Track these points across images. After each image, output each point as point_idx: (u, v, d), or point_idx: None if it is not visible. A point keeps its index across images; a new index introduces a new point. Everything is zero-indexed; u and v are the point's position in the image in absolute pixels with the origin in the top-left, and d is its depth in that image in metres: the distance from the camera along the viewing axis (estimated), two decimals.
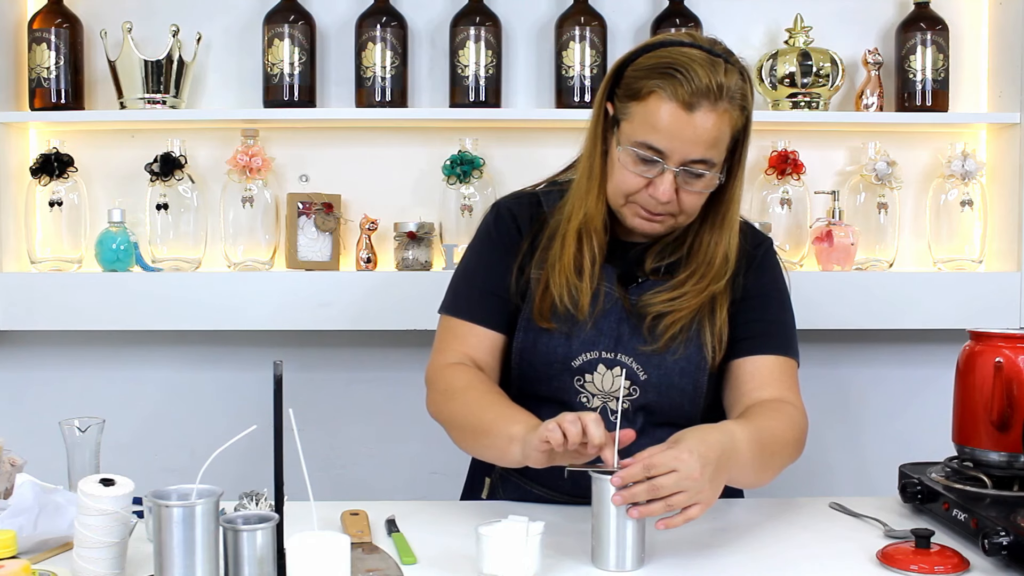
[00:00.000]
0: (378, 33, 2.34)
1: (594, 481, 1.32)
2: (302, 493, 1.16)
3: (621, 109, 1.53)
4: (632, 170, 1.51)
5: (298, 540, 1.11)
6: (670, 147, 1.47)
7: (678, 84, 1.45)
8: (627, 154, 1.51)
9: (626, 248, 1.63)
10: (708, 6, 2.44)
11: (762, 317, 1.63)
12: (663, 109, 1.46)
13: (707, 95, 1.46)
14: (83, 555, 1.23)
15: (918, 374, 2.52)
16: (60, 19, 2.34)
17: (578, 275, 1.57)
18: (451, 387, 1.58)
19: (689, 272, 1.58)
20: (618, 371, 1.56)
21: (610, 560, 1.31)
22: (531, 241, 1.63)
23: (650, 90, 1.47)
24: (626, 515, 1.29)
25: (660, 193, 1.49)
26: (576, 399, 1.58)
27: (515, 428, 1.42)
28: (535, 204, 1.67)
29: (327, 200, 2.37)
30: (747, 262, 1.63)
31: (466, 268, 1.69)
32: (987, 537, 1.29)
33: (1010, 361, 1.48)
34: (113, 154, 2.44)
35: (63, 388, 2.47)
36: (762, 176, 2.43)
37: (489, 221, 1.69)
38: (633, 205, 1.54)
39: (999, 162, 2.45)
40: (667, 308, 1.56)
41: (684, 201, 1.52)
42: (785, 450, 1.52)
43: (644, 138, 1.48)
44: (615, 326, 1.58)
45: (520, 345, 1.60)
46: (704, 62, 1.47)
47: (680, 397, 1.58)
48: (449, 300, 1.67)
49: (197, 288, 2.31)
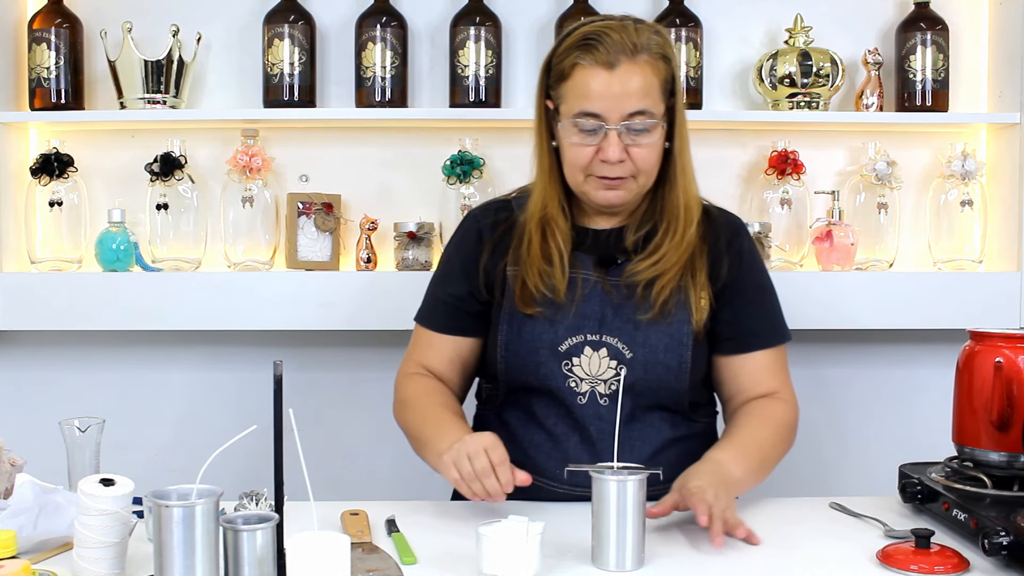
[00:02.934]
0: (378, 33, 2.34)
1: (594, 481, 1.32)
2: (302, 493, 1.16)
3: (556, 97, 1.62)
4: (579, 142, 1.59)
5: (298, 540, 1.11)
6: (604, 107, 1.56)
7: (595, 51, 1.55)
8: (569, 129, 1.59)
9: (598, 235, 1.69)
10: (708, 6, 2.44)
11: (755, 312, 1.70)
12: (588, 75, 1.56)
13: (624, 51, 1.55)
14: (83, 555, 1.24)
15: (918, 374, 2.52)
16: (60, 19, 2.34)
17: (548, 263, 1.64)
18: (405, 398, 1.71)
19: (663, 231, 1.65)
20: (604, 353, 1.61)
21: (610, 560, 1.31)
22: (497, 242, 1.71)
23: (572, 64, 1.58)
24: (626, 515, 1.29)
25: (610, 153, 1.57)
26: (565, 384, 1.63)
27: (443, 446, 1.52)
28: (503, 208, 1.75)
29: (327, 200, 2.37)
30: (731, 252, 1.69)
31: (433, 279, 1.80)
32: (987, 537, 1.29)
33: (1010, 361, 1.48)
34: (113, 154, 2.44)
35: (63, 388, 2.47)
36: (762, 176, 2.43)
37: (457, 231, 1.79)
38: (591, 179, 1.62)
39: (999, 162, 2.45)
40: (654, 272, 1.63)
41: (637, 158, 1.59)
42: (773, 451, 1.64)
43: (579, 108, 1.57)
44: (598, 309, 1.63)
45: (505, 337, 1.66)
46: (615, 27, 1.58)
47: (666, 373, 1.63)
48: (419, 308, 1.79)
49: (197, 288, 2.31)
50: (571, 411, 1.64)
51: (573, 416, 1.63)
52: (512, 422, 1.70)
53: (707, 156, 2.48)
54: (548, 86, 1.64)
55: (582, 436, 1.64)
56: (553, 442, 1.65)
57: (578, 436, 1.64)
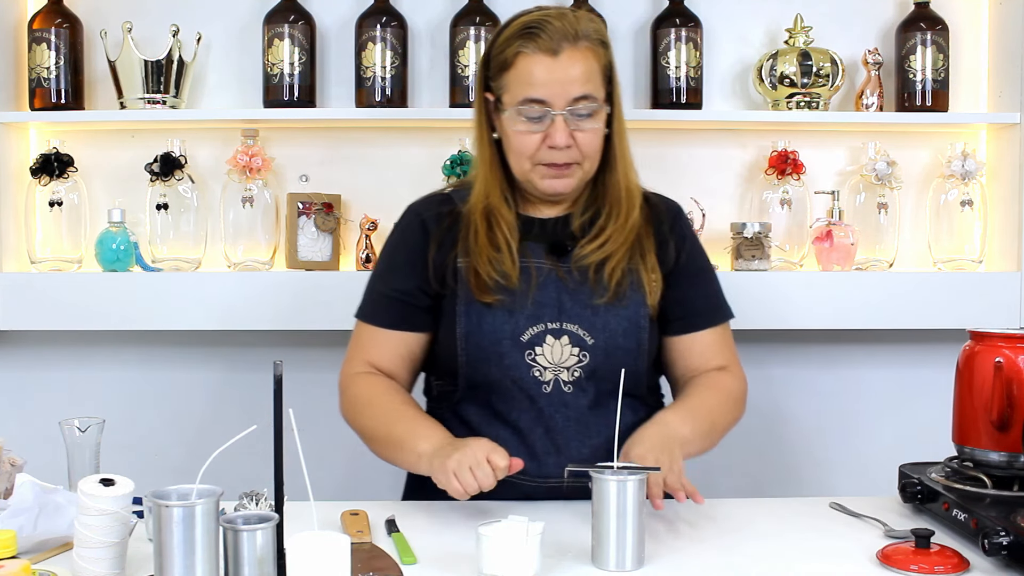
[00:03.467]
0: (378, 33, 2.34)
1: (594, 481, 1.32)
2: (302, 493, 1.16)
3: (498, 87, 1.64)
4: (525, 130, 1.61)
5: (298, 540, 1.11)
6: (549, 93, 1.58)
7: (538, 39, 1.58)
8: (514, 117, 1.60)
9: (544, 224, 1.71)
10: (708, 6, 2.44)
11: (702, 292, 1.75)
12: (531, 63, 1.58)
13: (566, 38, 1.58)
14: (83, 555, 1.23)
15: (918, 374, 2.52)
16: (60, 19, 2.34)
17: (496, 250, 1.65)
18: (360, 398, 1.68)
19: (606, 214, 1.68)
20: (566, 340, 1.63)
21: (610, 560, 1.31)
22: (444, 235, 1.69)
23: (515, 53, 1.60)
24: (625, 516, 1.29)
25: (557, 139, 1.59)
26: (529, 374, 1.63)
27: (423, 446, 1.54)
28: (445, 202, 1.74)
29: (327, 200, 2.37)
30: (674, 236, 1.73)
31: (374, 274, 1.77)
32: (987, 537, 1.29)
33: (1010, 361, 1.48)
34: (113, 154, 2.44)
35: (63, 388, 2.47)
36: (762, 176, 2.43)
37: (398, 226, 1.76)
38: (538, 167, 1.63)
39: (999, 162, 2.45)
40: (602, 255, 1.65)
41: (582, 143, 1.61)
42: (723, 418, 1.69)
43: (524, 95, 1.59)
44: (555, 296, 1.64)
45: (464, 330, 1.64)
46: (555, 15, 1.61)
47: (625, 356, 1.64)
48: (360, 305, 1.76)
49: (197, 288, 2.31)
50: (535, 401, 1.63)
51: (537, 406, 1.63)
52: (473, 419, 1.68)
53: (707, 156, 2.50)
54: (488, 78, 1.66)
55: (547, 428, 1.63)
56: (519, 437, 1.64)
57: (542, 428, 1.63)
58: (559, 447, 1.63)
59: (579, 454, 1.62)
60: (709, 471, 2.52)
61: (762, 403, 2.55)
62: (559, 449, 1.63)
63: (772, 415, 2.55)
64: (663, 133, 2.48)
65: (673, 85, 2.37)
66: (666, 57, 2.37)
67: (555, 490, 1.63)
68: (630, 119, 2.38)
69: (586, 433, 1.64)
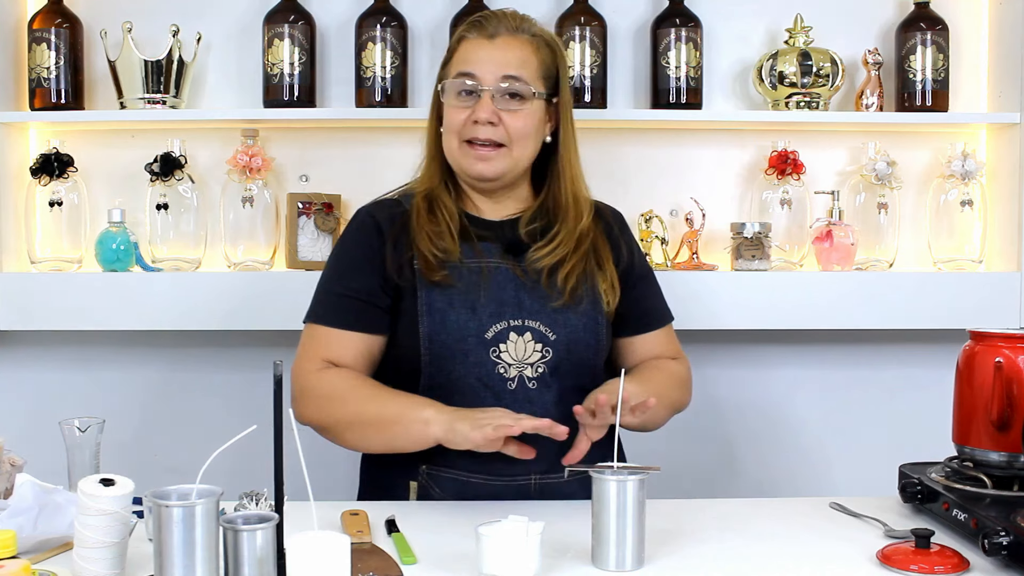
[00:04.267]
0: (378, 33, 2.34)
1: (594, 481, 1.32)
2: (302, 493, 1.16)
3: (442, 75, 1.72)
4: (455, 104, 1.68)
5: (298, 540, 1.11)
6: (480, 70, 1.66)
7: (480, 26, 1.69)
8: (448, 92, 1.68)
9: (502, 226, 1.74)
10: (708, 6, 2.44)
11: (650, 294, 1.82)
12: (470, 44, 1.69)
13: (505, 26, 1.69)
14: (83, 555, 1.23)
15: (918, 374, 2.52)
16: (60, 19, 2.34)
17: (435, 226, 1.68)
18: (334, 390, 1.63)
19: (555, 221, 1.72)
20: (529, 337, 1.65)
21: (610, 560, 1.31)
22: (398, 236, 1.70)
23: (458, 39, 1.71)
24: (625, 516, 1.29)
25: (480, 112, 1.65)
26: (494, 371, 1.64)
27: (427, 411, 1.54)
28: (396, 205, 1.76)
29: (327, 200, 2.37)
30: (624, 241, 1.80)
31: (327, 277, 1.74)
32: (987, 537, 1.29)
33: (1010, 361, 1.48)
34: (113, 154, 2.44)
35: (63, 388, 2.47)
36: (762, 176, 2.43)
37: (349, 229, 1.76)
38: (465, 146, 1.68)
39: (999, 162, 2.45)
40: (554, 259, 1.69)
41: (509, 124, 1.66)
42: (669, 392, 1.72)
43: (458, 69, 1.68)
44: (514, 294, 1.67)
45: (428, 330, 1.64)
46: (504, 13, 1.71)
47: (586, 351, 1.68)
48: (311, 309, 1.73)
49: (197, 288, 2.31)
50: (500, 398, 1.63)
51: (503, 404, 1.61)
52: None
53: (707, 156, 2.50)
54: (442, 77, 1.72)
55: None
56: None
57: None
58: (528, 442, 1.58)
59: (547, 451, 1.59)
60: (710, 471, 2.53)
61: (762, 403, 2.55)
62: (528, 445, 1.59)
63: (772, 415, 2.55)
64: (663, 133, 2.48)
65: (673, 85, 2.37)
66: (666, 57, 2.37)
67: (523, 489, 1.64)
68: (630, 119, 2.43)
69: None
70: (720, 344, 2.49)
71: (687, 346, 1.88)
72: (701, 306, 2.29)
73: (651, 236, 2.39)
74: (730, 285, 2.34)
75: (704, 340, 2.39)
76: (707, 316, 2.30)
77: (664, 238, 2.41)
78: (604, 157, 2.43)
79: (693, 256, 2.40)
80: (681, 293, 2.18)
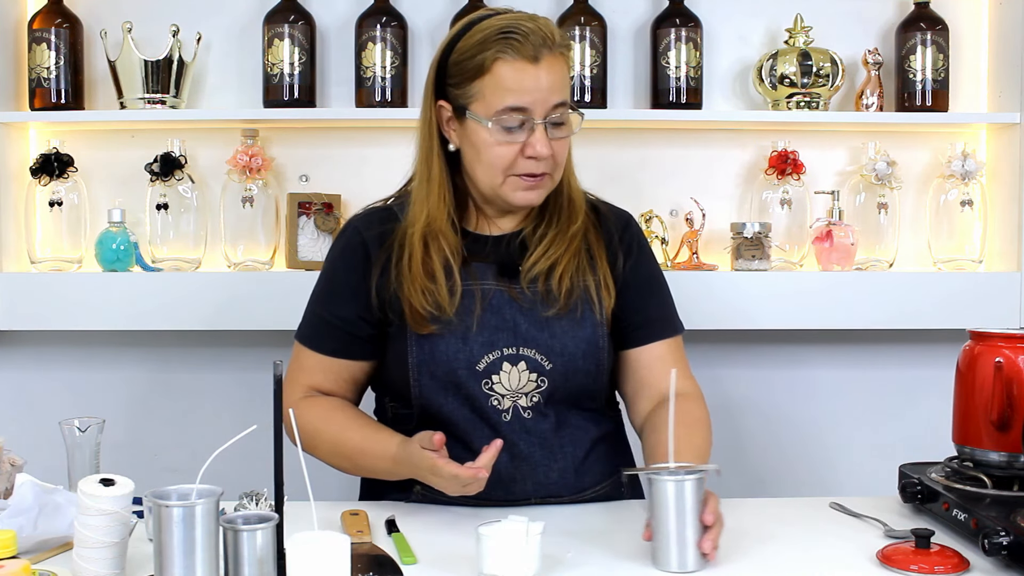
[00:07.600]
0: (378, 33, 2.34)
1: (652, 483, 1.30)
2: (302, 493, 1.16)
3: (463, 95, 1.55)
4: (503, 140, 1.53)
5: (298, 540, 1.11)
6: (532, 101, 1.51)
7: (517, 44, 1.50)
8: (494, 129, 1.52)
9: (497, 241, 1.64)
10: (708, 6, 2.44)
11: (651, 303, 1.68)
12: (514, 69, 1.50)
13: (544, 44, 1.51)
14: (83, 555, 1.23)
15: (918, 374, 2.52)
16: (60, 19, 2.34)
17: (430, 279, 1.56)
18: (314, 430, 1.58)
19: (547, 222, 1.63)
20: (523, 367, 1.57)
21: (671, 561, 1.30)
22: (386, 260, 1.61)
23: (493, 59, 1.51)
24: (685, 515, 1.29)
25: (540, 149, 1.52)
26: (487, 404, 1.57)
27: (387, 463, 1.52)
28: (388, 218, 1.65)
29: (327, 200, 2.37)
30: (624, 248, 1.68)
31: (316, 294, 1.68)
32: (987, 537, 1.29)
33: (1010, 361, 1.48)
34: (113, 154, 2.44)
35: (63, 388, 2.47)
36: (762, 176, 2.43)
37: (337, 245, 1.68)
38: (512, 179, 1.56)
39: (999, 162, 2.45)
40: (547, 263, 1.59)
41: (557, 151, 1.55)
42: (702, 448, 1.57)
43: (505, 103, 1.51)
44: (509, 319, 1.58)
45: (416, 360, 1.57)
46: (525, 19, 1.54)
47: (585, 379, 1.60)
48: (300, 326, 1.68)
49: (197, 288, 2.31)
50: (496, 430, 1.57)
51: (499, 436, 1.53)
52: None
53: (707, 156, 2.50)
54: (448, 86, 1.57)
55: (511, 455, 1.56)
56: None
57: (506, 455, 1.54)
58: (524, 474, 1.58)
59: (546, 479, 1.58)
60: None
61: (762, 403, 2.55)
62: (524, 476, 1.58)
63: (772, 415, 2.55)
64: (663, 133, 2.48)
65: (673, 85, 2.37)
66: (666, 57, 2.37)
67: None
68: (630, 119, 2.43)
69: (552, 457, 1.59)
70: (720, 344, 2.49)
71: (687, 346, 1.86)
72: (701, 306, 2.28)
73: (651, 236, 2.39)
74: (730, 285, 2.34)
75: (704, 340, 2.39)
76: (707, 316, 2.30)
77: (664, 238, 2.41)
78: (604, 157, 2.43)
79: (693, 256, 2.40)
80: (681, 293, 2.17)
